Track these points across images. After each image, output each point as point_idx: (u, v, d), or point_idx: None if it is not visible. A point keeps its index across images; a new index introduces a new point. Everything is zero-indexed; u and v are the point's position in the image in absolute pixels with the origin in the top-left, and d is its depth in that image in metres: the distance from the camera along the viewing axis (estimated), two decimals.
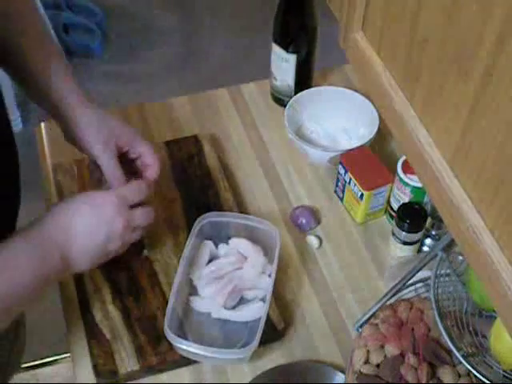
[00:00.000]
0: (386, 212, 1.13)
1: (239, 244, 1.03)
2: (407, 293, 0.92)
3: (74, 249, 0.81)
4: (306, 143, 1.15)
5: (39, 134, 1.25)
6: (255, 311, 0.96)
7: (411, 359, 0.84)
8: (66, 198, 0.87)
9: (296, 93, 1.24)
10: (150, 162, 0.95)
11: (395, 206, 1.07)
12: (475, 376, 0.75)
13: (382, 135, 1.19)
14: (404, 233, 1.02)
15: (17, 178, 0.90)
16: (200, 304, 0.98)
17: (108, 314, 0.97)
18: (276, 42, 1.21)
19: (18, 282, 0.75)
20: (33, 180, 1.19)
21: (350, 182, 1.09)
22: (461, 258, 0.85)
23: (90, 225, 0.83)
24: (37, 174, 1.22)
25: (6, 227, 0.86)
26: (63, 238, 0.80)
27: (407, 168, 1.05)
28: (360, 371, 0.86)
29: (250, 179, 1.19)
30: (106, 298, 0.99)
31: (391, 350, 0.85)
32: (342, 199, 1.14)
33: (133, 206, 0.88)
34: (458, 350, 0.76)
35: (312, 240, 1.09)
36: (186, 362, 0.94)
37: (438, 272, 0.82)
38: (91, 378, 0.92)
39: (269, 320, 0.95)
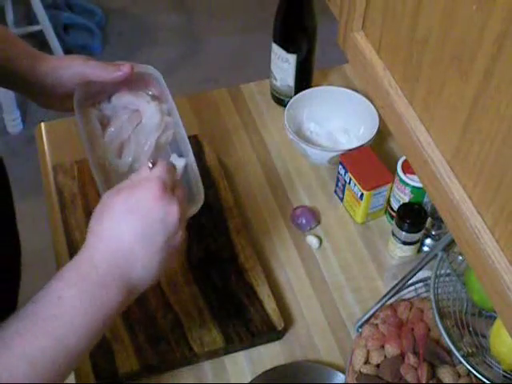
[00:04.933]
0: (386, 212, 1.13)
1: (122, 99, 0.90)
2: (407, 293, 0.93)
3: (135, 266, 0.67)
4: (305, 143, 1.15)
5: (39, 134, 1.25)
6: (180, 161, 0.85)
7: (411, 359, 0.84)
8: (94, 220, 0.69)
9: (296, 93, 1.24)
10: None
11: (395, 206, 1.07)
12: (475, 376, 0.75)
13: (382, 135, 1.19)
14: (404, 233, 1.02)
15: (18, 258, 0.99)
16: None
17: None
18: (276, 42, 1.21)
19: (72, 341, 0.63)
20: (33, 180, 1.19)
21: (350, 182, 1.09)
22: (461, 257, 0.85)
23: (142, 231, 0.68)
24: (37, 174, 1.22)
25: (7, 304, 0.91)
26: (118, 262, 0.67)
27: (407, 168, 1.05)
28: (360, 371, 0.86)
29: (250, 179, 1.19)
30: None
31: (391, 350, 0.85)
32: (342, 199, 1.14)
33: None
34: (458, 349, 0.76)
35: (312, 240, 1.09)
36: (186, 362, 0.94)
37: (438, 272, 0.82)
38: (91, 377, 0.92)
39: (269, 320, 0.95)
